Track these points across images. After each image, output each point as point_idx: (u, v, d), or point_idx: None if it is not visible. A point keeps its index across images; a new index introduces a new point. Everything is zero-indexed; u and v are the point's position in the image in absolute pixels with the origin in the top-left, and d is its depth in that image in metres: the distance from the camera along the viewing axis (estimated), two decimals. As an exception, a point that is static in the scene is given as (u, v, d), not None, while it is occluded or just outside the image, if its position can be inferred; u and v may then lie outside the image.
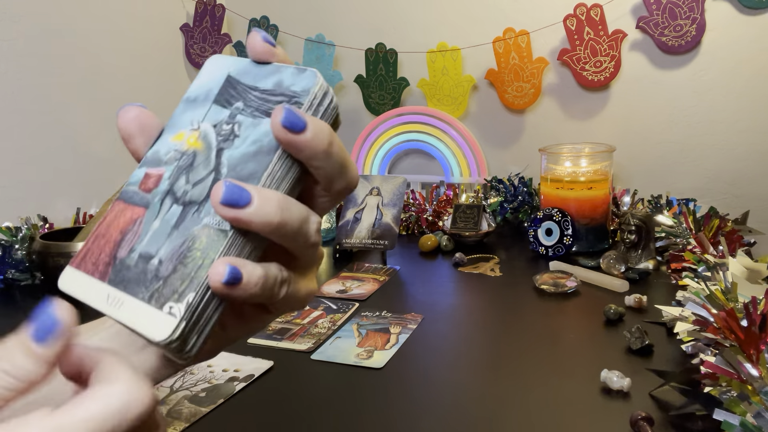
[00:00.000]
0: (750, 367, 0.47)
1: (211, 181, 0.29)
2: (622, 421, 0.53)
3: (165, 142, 0.32)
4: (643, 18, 1.19)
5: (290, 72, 0.31)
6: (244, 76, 0.32)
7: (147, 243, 0.29)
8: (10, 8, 1.12)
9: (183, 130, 0.32)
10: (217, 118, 0.31)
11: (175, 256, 0.28)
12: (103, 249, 0.30)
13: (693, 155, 1.24)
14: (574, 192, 1.04)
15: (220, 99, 0.32)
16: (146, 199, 0.30)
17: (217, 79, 0.33)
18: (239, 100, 0.31)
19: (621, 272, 0.92)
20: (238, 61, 0.33)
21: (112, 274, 0.29)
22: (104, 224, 0.31)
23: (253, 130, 0.30)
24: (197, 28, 1.51)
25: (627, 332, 0.68)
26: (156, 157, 0.32)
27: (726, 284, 0.63)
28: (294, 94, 0.30)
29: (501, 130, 1.40)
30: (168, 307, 0.27)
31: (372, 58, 1.41)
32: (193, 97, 0.33)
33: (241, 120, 0.31)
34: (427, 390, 0.62)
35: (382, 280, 0.96)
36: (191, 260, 0.28)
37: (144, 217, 0.30)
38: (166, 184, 0.30)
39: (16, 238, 0.99)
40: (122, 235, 0.30)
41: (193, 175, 0.30)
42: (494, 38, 1.30)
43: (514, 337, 0.73)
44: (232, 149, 0.30)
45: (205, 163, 0.30)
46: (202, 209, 0.29)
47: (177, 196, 0.30)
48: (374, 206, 1.08)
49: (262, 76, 0.31)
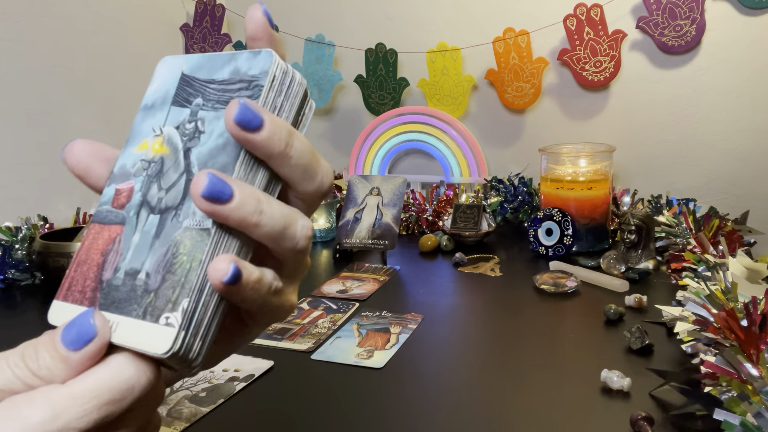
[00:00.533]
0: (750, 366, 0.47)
1: (184, 183, 0.28)
2: (622, 420, 0.53)
3: (130, 155, 0.31)
4: (643, 18, 1.19)
5: (245, 57, 0.29)
6: (198, 71, 0.31)
7: (130, 259, 0.28)
8: (10, 8, 1.12)
9: (146, 139, 0.31)
10: (178, 119, 0.30)
11: (162, 265, 0.27)
12: (86, 275, 0.29)
13: (693, 155, 1.24)
14: (574, 192, 1.04)
15: (178, 99, 0.31)
16: (121, 215, 0.29)
17: (171, 81, 0.31)
18: (197, 96, 0.30)
19: (621, 272, 0.92)
20: (190, 58, 0.31)
21: (102, 298, 0.28)
22: (83, 250, 0.29)
23: (217, 123, 0.29)
24: (197, 28, 1.51)
25: (627, 332, 0.68)
26: (123, 172, 0.30)
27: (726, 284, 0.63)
28: (252, 78, 0.29)
29: (501, 130, 1.40)
30: (164, 319, 0.26)
31: (372, 58, 1.41)
32: (150, 103, 0.31)
33: (203, 116, 0.29)
34: (427, 390, 0.62)
35: (382, 280, 0.96)
36: (179, 266, 0.27)
37: (122, 234, 0.29)
38: (139, 195, 0.29)
39: (16, 238, 0.99)
40: (104, 257, 0.29)
41: (164, 180, 0.29)
42: (494, 38, 1.30)
43: (514, 337, 0.73)
44: (199, 146, 0.29)
45: (174, 167, 0.29)
46: (180, 213, 0.28)
47: (152, 205, 0.29)
48: (374, 206, 1.08)
49: (218, 67, 0.30)
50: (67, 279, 0.29)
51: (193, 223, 0.27)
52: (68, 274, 0.29)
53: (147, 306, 0.26)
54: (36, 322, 0.84)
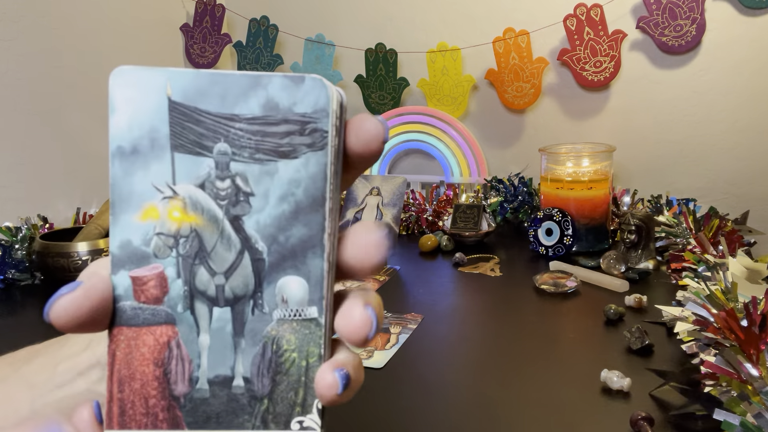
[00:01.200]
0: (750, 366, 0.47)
1: (251, 264, 0.23)
2: (622, 420, 0.53)
3: (131, 226, 0.23)
4: (643, 18, 1.19)
5: (279, 84, 0.23)
6: (199, 98, 0.23)
7: (210, 366, 0.23)
8: (10, 8, 1.12)
9: (150, 203, 0.23)
10: (195, 173, 0.23)
11: (265, 368, 0.23)
12: (145, 393, 0.23)
13: (693, 155, 1.24)
14: (574, 192, 1.04)
15: (181, 143, 0.23)
16: (163, 312, 0.23)
17: (152, 111, 0.23)
18: (217, 138, 0.23)
19: (621, 272, 0.92)
20: (172, 75, 0.23)
21: (188, 416, 0.23)
22: (120, 364, 0.23)
23: (271, 181, 0.23)
24: (197, 28, 1.51)
25: (627, 332, 0.68)
26: (132, 251, 0.23)
27: (726, 284, 0.63)
28: (305, 119, 0.23)
29: (501, 130, 1.40)
30: (297, 424, 0.23)
31: (372, 58, 1.41)
32: (129, 147, 0.23)
33: (241, 170, 0.23)
34: (427, 390, 0.62)
35: (382, 280, 0.96)
36: (290, 365, 0.23)
37: (179, 337, 0.23)
38: (180, 285, 0.23)
39: (16, 238, 0.99)
40: (162, 368, 0.23)
41: (215, 263, 0.23)
42: (494, 38, 1.30)
43: (514, 337, 0.73)
44: (254, 214, 0.23)
45: (223, 242, 0.23)
46: (263, 303, 0.23)
47: (209, 295, 0.23)
48: (374, 206, 1.08)
49: (235, 95, 0.23)
50: (114, 403, 0.23)
51: (289, 313, 0.23)
52: (112, 396, 0.23)
53: (265, 414, 0.23)
54: (36, 323, 0.84)
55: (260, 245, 0.23)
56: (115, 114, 0.23)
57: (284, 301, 0.23)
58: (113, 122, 0.23)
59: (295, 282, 0.23)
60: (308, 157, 0.23)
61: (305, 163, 0.23)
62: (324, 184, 0.23)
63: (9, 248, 0.98)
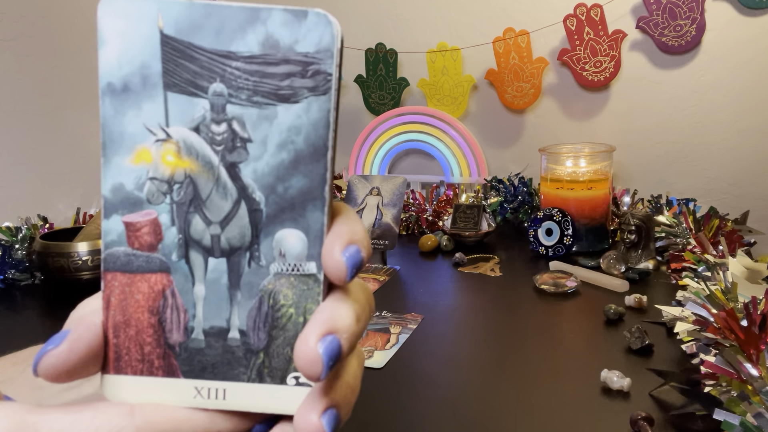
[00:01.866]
0: (750, 366, 0.47)
1: (248, 215, 0.22)
2: (622, 420, 0.53)
3: (122, 169, 0.22)
4: (643, 18, 1.19)
5: (280, 19, 0.21)
6: (192, 31, 0.21)
7: (206, 317, 0.23)
8: (10, 8, 1.12)
9: (143, 145, 0.22)
10: (189, 115, 0.22)
11: (261, 322, 0.23)
12: (140, 340, 0.23)
13: (693, 155, 1.24)
14: (574, 192, 1.04)
15: (174, 82, 0.21)
16: (157, 260, 0.23)
17: (143, 45, 0.21)
18: (212, 78, 0.21)
19: (621, 272, 0.92)
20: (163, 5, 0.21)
21: (183, 365, 0.23)
22: (115, 310, 0.23)
23: (270, 127, 0.22)
24: (197, 28, 1.51)
25: (627, 332, 0.68)
26: (124, 195, 0.22)
27: (726, 284, 0.63)
28: (307, 59, 0.21)
29: (501, 130, 1.40)
30: (293, 379, 0.23)
31: (372, 58, 1.41)
32: (120, 84, 0.22)
33: (238, 113, 0.22)
34: (427, 390, 0.62)
35: (382, 280, 0.96)
36: (287, 320, 0.23)
37: (173, 286, 0.23)
38: (174, 233, 0.23)
39: (16, 238, 0.99)
40: (157, 316, 0.23)
41: (210, 211, 0.22)
42: (494, 38, 1.30)
43: (514, 337, 0.73)
44: (251, 162, 0.22)
45: (218, 190, 0.22)
46: (260, 255, 0.22)
47: (204, 245, 0.23)
48: (374, 206, 1.08)
49: (231, 29, 0.21)
50: (110, 348, 0.23)
51: (287, 268, 0.22)
52: (108, 341, 0.23)
53: (261, 368, 0.23)
54: (36, 323, 0.84)
55: (257, 195, 0.22)
56: (104, 47, 0.21)
57: (282, 255, 0.22)
58: (102, 56, 0.21)
59: (293, 235, 0.22)
60: (310, 102, 0.22)
61: (307, 108, 0.22)
62: (327, 131, 0.22)
63: (9, 248, 0.98)
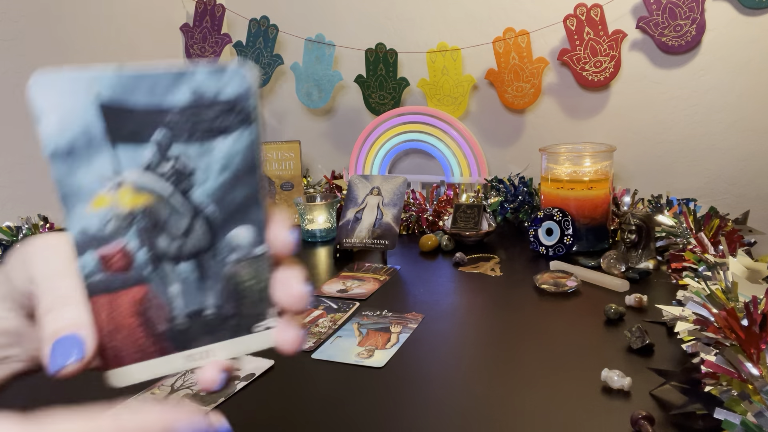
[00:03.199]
0: (750, 366, 0.47)
1: (202, 224, 0.27)
2: (623, 420, 0.53)
3: (84, 217, 0.25)
4: (643, 18, 1.19)
5: (203, 75, 0.24)
6: (127, 96, 0.24)
7: (185, 305, 0.27)
8: (10, 8, 1.12)
9: (99, 193, 0.25)
10: (139, 159, 0.25)
11: (230, 296, 0.28)
12: (133, 338, 0.27)
13: (693, 155, 1.24)
14: (575, 192, 1.04)
15: (120, 135, 0.24)
16: (132, 277, 0.26)
17: (82, 113, 0.24)
18: (154, 128, 0.24)
19: (621, 272, 0.92)
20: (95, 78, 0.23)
21: (173, 343, 0.27)
22: (106, 323, 0.26)
23: (211, 156, 0.25)
24: (197, 28, 1.51)
25: (627, 332, 0.68)
26: (92, 236, 0.25)
27: (726, 284, 0.63)
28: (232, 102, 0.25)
29: (501, 130, 1.40)
30: (261, 327, 0.28)
31: (372, 58, 1.41)
32: (65, 148, 0.24)
33: (182, 150, 0.25)
34: (428, 389, 0.62)
35: (382, 280, 0.96)
36: (250, 290, 0.28)
37: (153, 291, 0.27)
38: (144, 252, 0.26)
39: (16, 238, 0.99)
40: (143, 316, 0.27)
41: (172, 229, 0.26)
42: (494, 38, 1.30)
43: (514, 336, 0.73)
44: (198, 186, 0.26)
45: (176, 213, 0.26)
46: (219, 252, 0.27)
47: (171, 255, 0.27)
48: (375, 206, 1.08)
49: (163, 90, 0.24)
50: (107, 350, 0.26)
51: (243, 255, 0.28)
52: (105, 347, 0.26)
53: (235, 326, 0.28)
54: (36, 322, 0.84)
55: (210, 208, 0.26)
56: (43, 120, 0.23)
57: (237, 246, 0.27)
58: (42, 129, 0.23)
59: (243, 230, 0.27)
60: (241, 132, 0.26)
61: (238, 137, 0.26)
62: (257, 151, 0.27)
63: (9, 248, 0.98)
